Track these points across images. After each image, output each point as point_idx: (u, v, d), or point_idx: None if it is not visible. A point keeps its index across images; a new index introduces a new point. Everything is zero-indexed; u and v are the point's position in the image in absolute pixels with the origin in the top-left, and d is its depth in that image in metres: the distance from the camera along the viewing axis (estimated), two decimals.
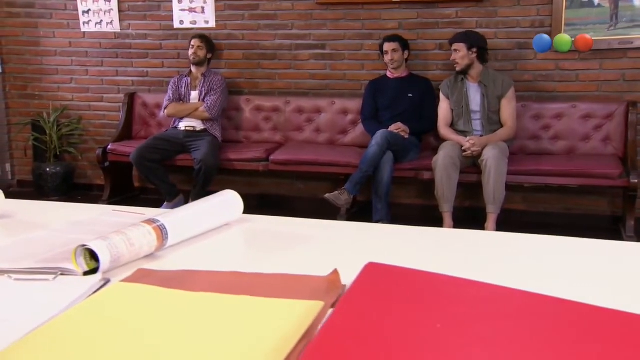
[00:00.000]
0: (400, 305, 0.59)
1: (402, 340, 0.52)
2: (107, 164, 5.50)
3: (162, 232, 0.84)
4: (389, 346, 0.51)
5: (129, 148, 5.31)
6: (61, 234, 0.89)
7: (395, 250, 0.92)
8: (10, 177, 6.45)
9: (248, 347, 0.58)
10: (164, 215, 0.87)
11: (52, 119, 5.95)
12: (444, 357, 0.50)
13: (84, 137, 6.15)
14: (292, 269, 0.80)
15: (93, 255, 0.76)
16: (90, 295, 0.70)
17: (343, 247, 0.93)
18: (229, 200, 0.98)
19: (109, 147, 5.48)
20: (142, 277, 0.77)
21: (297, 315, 0.63)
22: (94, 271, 0.76)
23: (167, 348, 0.57)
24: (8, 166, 6.42)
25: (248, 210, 1.05)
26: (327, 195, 4.67)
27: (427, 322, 0.55)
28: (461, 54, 4.76)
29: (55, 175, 5.89)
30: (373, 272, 0.65)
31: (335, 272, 0.74)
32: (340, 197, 4.65)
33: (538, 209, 5.16)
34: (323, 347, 0.51)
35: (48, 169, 5.89)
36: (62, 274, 0.74)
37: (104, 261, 0.75)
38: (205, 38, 5.40)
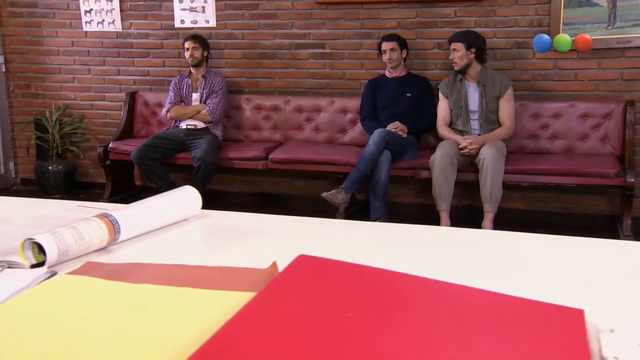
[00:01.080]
0: (319, 295, 0.61)
1: (307, 328, 0.54)
2: (108, 162, 5.54)
3: (114, 226, 0.86)
4: (292, 333, 0.53)
5: (130, 146, 5.35)
6: (18, 228, 0.91)
7: (345, 244, 0.94)
8: (13, 176, 6.50)
9: (171, 336, 0.60)
10: (117, 209, 0.90)
11: (54, 118, 5.99)
12: (345, 344, 0.53)
13: (86, 135, 6.20)
14: (240, 262, 0.82)
15: (41, 249, 0.78)
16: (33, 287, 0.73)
17: (295, 242, 0.95)
18: (186, 196, 1.00)
19: (110, 145, 5.52)
20: (89, 269, 0.79)
21: (227, 306, 0.65)
22: (42, 264, 0.79)
23: (91, 338, 0.60)
24: (11, 164, 6.47)
25: (247, 208, 1.08)
26: (324, 194, 4.69)
27: (340, 311, 0.58)
28: (459, 54, 4.77)
29: (58, 174, 5.94)
30: (301, 264, 0.67)
31: (274, 264, 0.76)
32: (338, 195, 4.67)
33: (536, 208, 5.16)
34: (226, 336, 0.53)
35: (50, 167, 5.93)
36: (9, 267, 0.77)
37: (51, 254, 0.77)
38: (198, 37, 5.42)
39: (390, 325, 0.56)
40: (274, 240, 0.96)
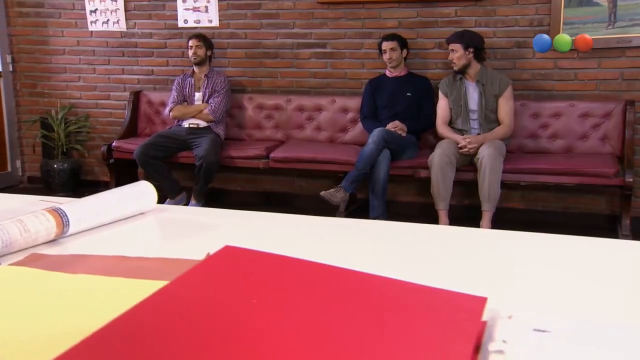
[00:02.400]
0: (230, 283, 0.64)
1: (206, 313, 0.58)
2: (111, 160, 5.60)
3: (62, 220, 0.90)
4: (188, 319, 0.57)
5: (133, 145, 5.40)
6: None
7: (291, 239, 0.97)
8: (20, 174, 6.58)
9: (91, 324, 0.63)
10: (68, 203, 0.93)
11: (59, 117, 6.07)
12: (239, 328, 0.56)
13: (91, 134, 6.27)
14: (185, 254, 0.86)
15: None
16: None
17: (245, 235, 0.98)
18: (141, 190, 1.04)
19: (114, 144, 5.58)
20: (32, 261, 0.83)
21: (146, 294, 0.68)
22: None
23: (17, 327, 0.63)
24: (18, 162, 6.55)
25: (249, 207, 1.12)
26: (322, 193, 4.73)
27: (246, 298, 0.61)
28: (458, 54, 4.79)
29: (63, 172, 6.01)
30: (225, 254, 0.71)
31: (207, 256, 0.80)
32: (336, 194, 4.70)
33: (536, 208, 5.17)
34: (123, 321, 0.57)
35: (55, 166, 6.01)
36: None
37: None
38: (201, 36, 5.47)
39: (291, 311, 0.60)
40: (225, 234, 1.00)
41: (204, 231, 1.01)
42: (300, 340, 0.55)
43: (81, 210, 0.94)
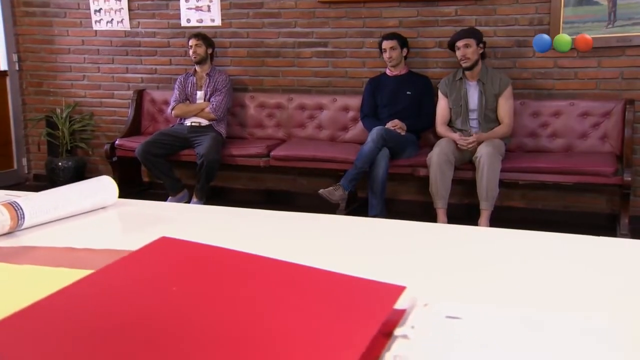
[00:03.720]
0: (156, 272, 0.67)
1: (125, 300, 0.61)
2: (115, 158, 5.66)
3: (17, 213, 0.93)
4: (107, 305, 0.60)
5: (136, 143, 5.45)
6: None
7: (242, 233, 1.00)
8: (26, 171, 6.65)
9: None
10: (25, 197, 0.97)
11: (64, 115, 6.13)
12: (154, 313, 0.59)
13: (95, 132, 6.33)
14: (137, 246, 0.89)
15: None
16: None
17: (197, 230, 1.01)
18: (101, 185, 1.07)
19: (117, 142, 5.63)
20: None
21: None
22: None
23: None
24: (24, 160, 6.62)
25: (251, 205, 1.15)
26: (321, 191, 4.75)
27: (166, 285, 0.64)
28: (472, 49, 4.77)
29: (67, 170, 6.07)
30: (159, 245, 0.73)
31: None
32: (335, 192, 4.73)
33: (536, 207, 5.17)
34: (39, 307, 0.60)
35: (60, 163, 6.07)
36: None
37: None
38: (201, 35, 5.51)
39: (206, 298, 0.62)
40: (182, 227, 1.03)
41: (162, 225, 1.04)
42: (209, 325, 0.58)
43: (37, 204, 0.97)
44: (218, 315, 0.60)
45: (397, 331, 0.64)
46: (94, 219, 1.03)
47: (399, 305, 0.71)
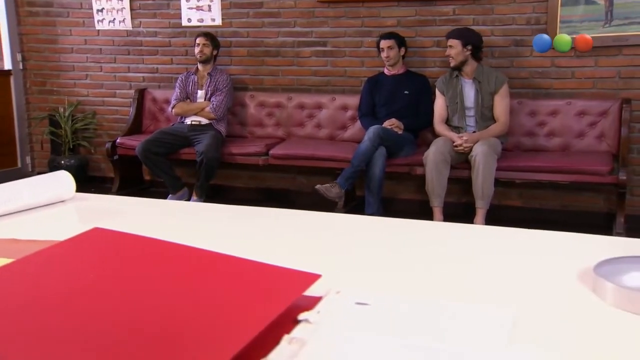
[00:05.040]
0: (79, 260, 0.71)
1: (42, 286, 0.64)
2: (116, 157, 5.71)
3: None
4: (23, 289, 0.63)
5: (137, 142, 5.49)
6: None
7: (184, 227, 1.03)
8: (30, 170, 6.72)
9: None
10: None
11: (66, 114, 6.19)
12: (67, 298, 0.62)
13: (97, 131, 6.38)
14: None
15: None
16: None
17: (146, 223, 1.05)
18: (58, 179, 1.10)
19: (118, 140, 5.68)
20: None
21: None
22: None
23: None
24: (28, 158, 6.69)
25: (251, 203, 1.18)
26: (317, 187, 4.78)
27: (85, 272, 0.67)
28: (455, 51, 4.82)
29: (69, 168, 6.12)
30: (90, 235, 0.77)
31: None
32: (332, 189, 4.75)
33: (534, 206, 5.18)
34: None
35: (62, 162, 6.13)
36: None
37: None
38: (210, 36, 5.56)
39: (123, 284, 0.66)
40: (132, 220, 1.06)
41: (114, 218, 1.07)
42: (117, 308, 0.61)
43: None
44: (128, 300, 0.63)
45: (301, 316, 0.67)
46: (49, 212, 1.06)
47: (315, 292, 0.74)
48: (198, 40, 5.55)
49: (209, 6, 5.80)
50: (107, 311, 0.59)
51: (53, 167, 6.19)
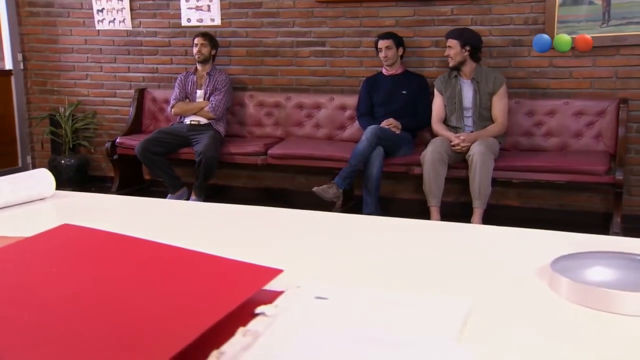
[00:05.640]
0: (45, 255, 0.72)
1: (6, 279, 0.66)
2: (115, 156, 5.73)
3: None
4: None
5: (136, 141, 5.52)
6: None
7: (148, 223, 1.05)
8: (31, 169, 6.74)
9: None
10: None
11: (67, 114, 6.22)
12: (28, 292, 0.64)
13: (98, 131, 6.41)
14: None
15: None
16: None
17: (122, 222, 1.07)
18: (37, 177, 1.12)
19: (117, 140, 5.71)
20: None
21: None
22: None
23: None
24: (29, 158, 6.73)
25: (250, 202, 1.20)
26: (315, 189, 4.80)
27: (49, 266, 0.69)
28: (454, 51, 4.83)
29: (69, 167, 6.16)
30: (59, 231, 0.79)
31: None
32: (329, 190, 4.77)
33: (532, 205, 5.19)
34: None
35: (63, 161, 6.16)
36: None
37: None
38: (208, 36, 5.58)
39: (83, 278, 0.68)
40: (106, 218, 1.08)
41: (92, 215, 1.09)
42: (74, 302, 0.63)
43: None
44: (85, 293, 0.65)
45: (258, 309, 0.69)
46: (28, 210, 1.08)
47: (276, 287, 0.76)
48: (196, 41, 5.58)
49: (209, 6, 5.83)
50: (60, 304, 0.60)
51: (53, 166, 6.22)
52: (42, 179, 1.12)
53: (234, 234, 1.00)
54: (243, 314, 0.67)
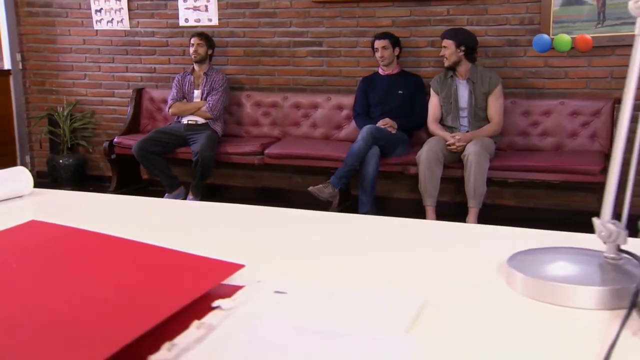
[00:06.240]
0: (8, 250, 0.74)
1: None
2: (113, 156, 5.75)
3: None
4: None
5: (134, 141, 5.53)
6: None
7: (137, 222, 1.07)
8: (30, 168, 6.76)
9: None
10: None
11: (65, 113, 6.24)
12: None
13: (96, 130, 6.43)
14: None
15: None
16: None
17: (97, 219, 1.08)
18: (14, 175, 1.14)
19: (115, 140, 5.73)
20: None
21: None
22: None
23: None
24: (28, 158, 6.75)
25: (247, 202, 1.22)
26: (310, 188, 4.82)
27: (9, 261, 0.71)
28: (449, 51, 4.84)
29: (68, 167, 6.18)
30: (26, 227, 0.80)
31: None
32: (325, 190, 4.79)
33: (528, 205, 5.20)
34: None
35: (61, 161, 6.18)
36: None
37: None
38: (204, 35, 5.60)
39: (44, 273, 0.69)
40: (81, 216, 1.09)
41: (67, 213, 1.11)
42: (33, 295, 0.65)
43: None
44: (45, 287, 0.66)
45: (215, 303, 0.70)
46: (4, 207, 1.10)
47: (238, 282, 0.77)
48: (192, 41, 5.60)
49: (206, 6, 5.85)
50: (15, 297, 0.62)
51: (52, 166, 6.24)
52: (19, 177, 1.14)
53: (212, 231, 1.02)
54: (201, 308, 0.69)
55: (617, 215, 0.77)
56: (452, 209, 5.10)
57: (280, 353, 0.60)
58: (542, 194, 5.16)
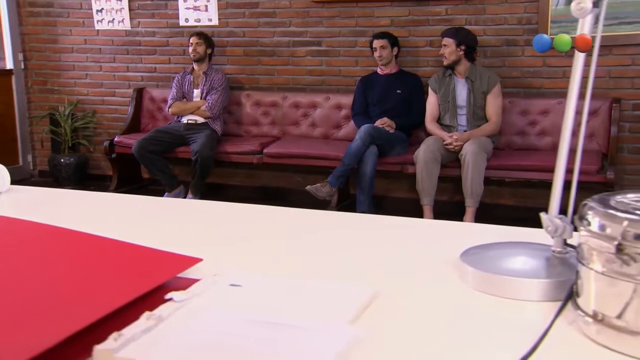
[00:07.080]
0: None
1: None
2: (114, 155, 5.78)
3: None
4: None
5: (134, 140, 5.55)
6: None
7: (110, 218, 1.09)
8: (31, 167, 6.81)
9: None
10: None
11: (66, 112, 6.28)
12: None
13: (97, 130, 6.47)
14: None
15: None
16: None
17: (71, 215, 1.10)
18: None
19: (115, 139, 5.76)
20: None
21: None
22: None
23: None
24: (30, 157, 6.79)
25: (247, 201, 1.24)
26: (308, 187, 4.84)
27: None
28: (449, 50, 4.85)
29: (69, 166, 6.21)
30: None
31: None
32: (322, 189, 4.81)
33: (526, 204, 5.20)
34: None
35: (62, 160, 6.22)
36: None
37: None
38: (203, 35, 5.62)
39: (5, 265, 0.71)
40: (57, 213, 1.12)
41: (43, 210, 1.13)
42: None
43: None
44: (7, 280, 0.68)
45: (167, 295, 0.72)
46: None
47: (196, 275, 0.79)
48: (191, 40, 5.62)
49: (206, 6, 5.87)
50: None
51: (53, 165, 6.28)
52: None
53: (168, 225, 1.04)
54: (155, 300, 0.71)
55: (563, 210, 0.79)
56: (449, 208, 5.11)
57: (224, 343, 0.62)
58: (540, 193, 5.16)
